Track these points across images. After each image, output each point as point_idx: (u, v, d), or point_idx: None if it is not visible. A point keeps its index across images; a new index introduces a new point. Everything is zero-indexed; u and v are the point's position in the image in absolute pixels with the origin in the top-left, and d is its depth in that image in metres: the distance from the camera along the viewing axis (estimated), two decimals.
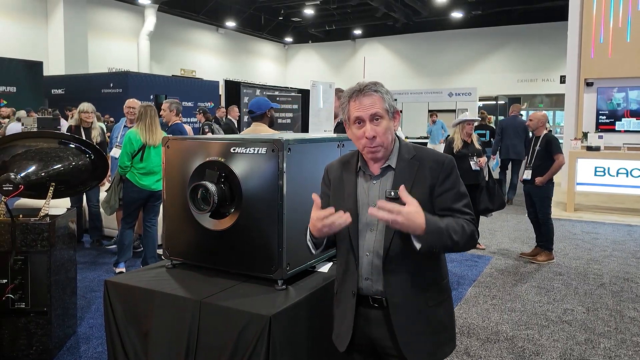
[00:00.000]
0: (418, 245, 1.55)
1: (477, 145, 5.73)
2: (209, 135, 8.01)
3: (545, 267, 5.29)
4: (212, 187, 2.16)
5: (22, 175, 2.99)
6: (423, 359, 1.67)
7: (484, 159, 5.65)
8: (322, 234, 1.67)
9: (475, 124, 5.91)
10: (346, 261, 1.75)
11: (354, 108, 1.64)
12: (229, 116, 11.05)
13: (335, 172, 1.81)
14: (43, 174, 3.10)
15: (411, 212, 1.50)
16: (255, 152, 2.19)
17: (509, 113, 9.19)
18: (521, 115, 9.69)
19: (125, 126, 5.43)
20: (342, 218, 1.59)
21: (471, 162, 5.69)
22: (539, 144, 5.40)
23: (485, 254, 5.82)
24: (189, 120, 14.60)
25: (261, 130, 3.86)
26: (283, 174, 2.15)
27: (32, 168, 3.08)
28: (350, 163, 1.78)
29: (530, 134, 5.92)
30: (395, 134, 1.75)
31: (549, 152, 5.29)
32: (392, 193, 1.64)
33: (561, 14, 11.19)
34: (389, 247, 1.63)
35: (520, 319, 3.94)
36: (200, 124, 10.16)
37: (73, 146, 3.41)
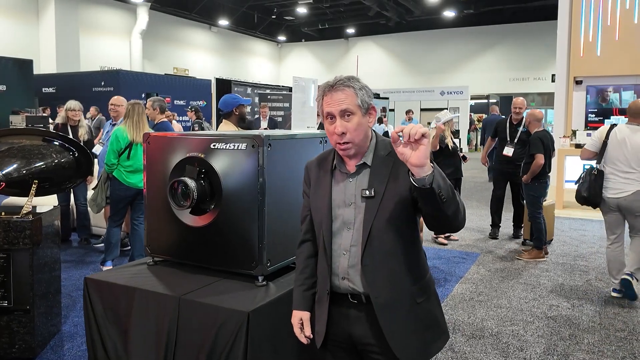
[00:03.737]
0: (428, 175, 1.38)
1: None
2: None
3: (532, 264, 5.32)
4: (191, 183, 2.16)
5: (3, 172, 2.98)
6: (416, 356, 1.65)
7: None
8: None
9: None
10: (322, 261, 1.73)
11: (326, 103, 1.62)
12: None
13: (314, 171, 1.78)
14: (25, 172, 3.08)
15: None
16: (236, 148, 2.19)
17: (490, 112, 9.56)
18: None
19: (111, 124, 5.40)
20: (303, 338, 1.78)
21: (461, 158, 5.98)
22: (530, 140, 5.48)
23: (473, 250, 5.84)
24: (182, 119, 14.56)
25: (228, 129, 3.89)
26: (263, 170, 2.15)
27: (14, 165, 3.06)
28: (326, 161, 1.75)
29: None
30: (373, 130, 1.73)
31: (530, 150, 5.35)
32: (368, 192, 1.61)
33: (552, 13, 11.25)
34: (366, 244, 1.60)
35: (506, 315, 3.96)
36: (191, 122, 10.14)
37: (57, 144, 3.39)
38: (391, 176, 1.61)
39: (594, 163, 4.36)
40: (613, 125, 4.26)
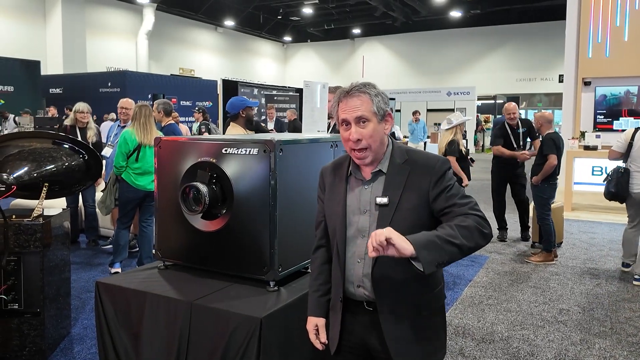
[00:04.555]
0: (420, 266, 1.41)
1: None
2: (205, 135, 7.99)
3: (541, 267, 5.28)
4: (203, 188, 2.15)
5: (14, 175, 2.98)
6: None
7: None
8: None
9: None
10: (336, 267, 1.72)
11: (342, 109, 1.60)
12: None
13: (329, 176, 1.77)
14: (35, 175, 3.08)
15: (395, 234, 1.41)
16: (247, 152, 2.18)
17: (503, 113, 9.60)
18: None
19: (119, 126, 5.41)
20: (318, 344, 1.75)
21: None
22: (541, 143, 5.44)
23: (482, 253, 5.81)
24: (186, 120, 14.59)
25: (236, 131, 3.89)
26: (275, 174, 2.14)
27: (25, 169, 3.06)
28: (342, 167, 1.73)
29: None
30: (389, 137, 1.71)
31: (542, 151, 5.31)
32: (382, 200, 1.60)
33: (560, 13, 11.20)
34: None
35: (516, 319, 3.93)
36: (198, 123, 10.14)
37: (67, 146, 3.39)
38: (407, 185, 1.60)
39: (620, 163, 4.91)
40: (638, 129, 4.81)
